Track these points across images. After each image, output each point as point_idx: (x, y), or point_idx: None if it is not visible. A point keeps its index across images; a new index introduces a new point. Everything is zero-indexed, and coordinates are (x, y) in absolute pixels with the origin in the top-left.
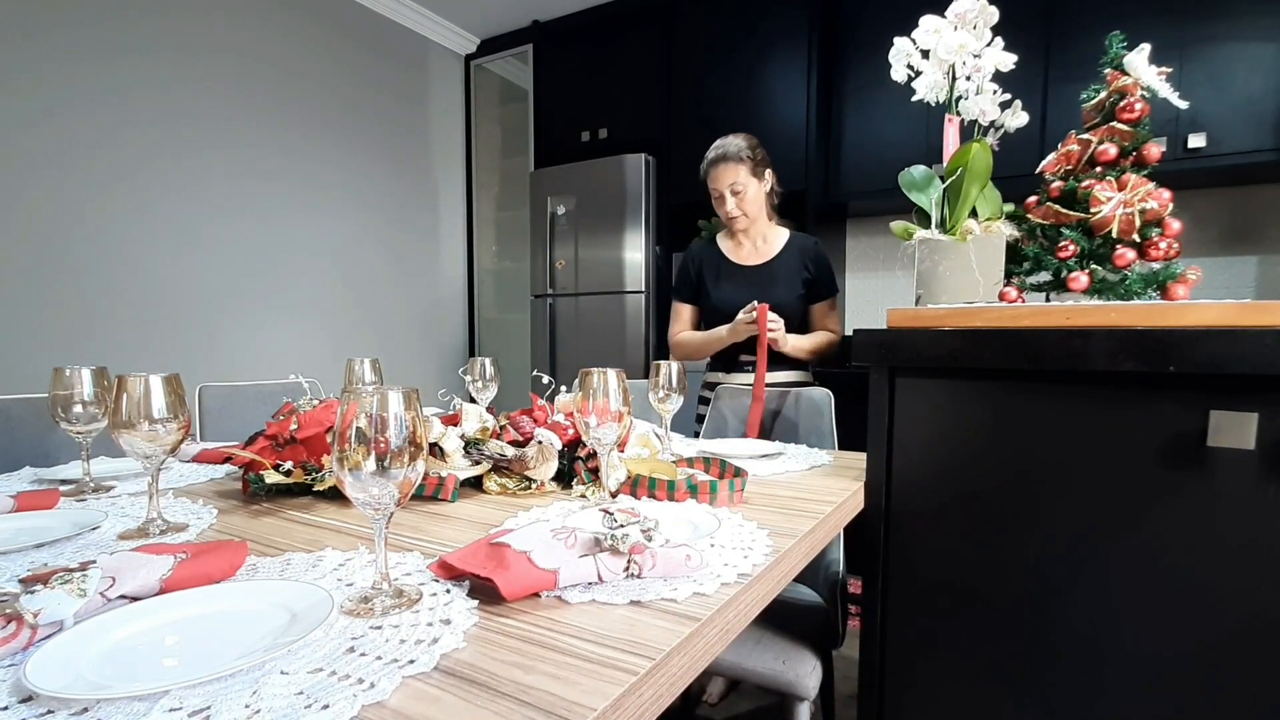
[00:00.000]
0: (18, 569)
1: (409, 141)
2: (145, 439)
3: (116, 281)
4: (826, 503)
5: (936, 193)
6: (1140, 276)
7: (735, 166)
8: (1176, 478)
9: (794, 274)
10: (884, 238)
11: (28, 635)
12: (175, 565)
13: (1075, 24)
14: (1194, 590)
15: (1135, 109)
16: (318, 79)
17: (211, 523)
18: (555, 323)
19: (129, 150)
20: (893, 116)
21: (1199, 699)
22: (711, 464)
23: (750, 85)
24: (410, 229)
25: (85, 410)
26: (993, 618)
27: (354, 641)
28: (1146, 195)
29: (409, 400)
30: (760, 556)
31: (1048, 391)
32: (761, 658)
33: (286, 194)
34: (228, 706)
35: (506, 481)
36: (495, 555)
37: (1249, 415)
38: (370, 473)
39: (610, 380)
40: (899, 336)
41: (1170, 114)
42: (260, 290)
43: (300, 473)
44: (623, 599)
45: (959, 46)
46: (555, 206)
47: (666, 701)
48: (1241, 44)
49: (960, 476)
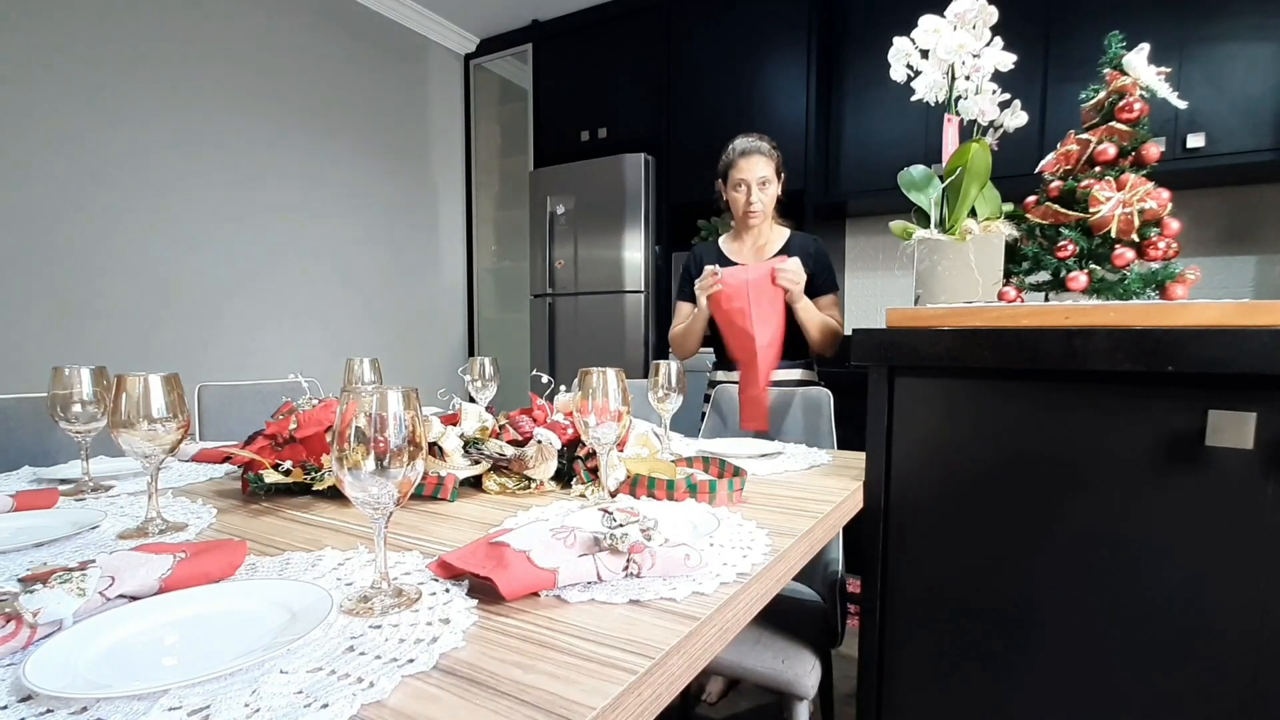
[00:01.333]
0: (17, 568)
1: (408, 141)
2: (144, 438)
3: (116, 281)
4: (825, 502)
5: (936, 192)
6: (1139, 276)
7: (767, 161)
8: (1175, 477)
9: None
10: (883, 237)
11: (27, 634)
12: (174, 565)
13: (1074, 24)
14: (1194, 590)
15: (1134, 109)
16: (317, 78)
17: (211, 522)
18: (554, 322)
19: (128, 150)
20: (892, 116)
21: (1199, 699)
22: (711, 463)
23: (750, 85)
24: (410, 228)
25: (84, 410)
26: (991, 617)
27: (353, 641)
28: (1145, 195)
29: (408, 400)
30: (759, 556)
31: (1046, 391)
32: (760, 657)
33: (286, 193)
34: (227, 705)
35: (506, 481)
36: (494, 554)
37: (1247, 415)
38: (369, 472)
39: (609, 380)
40: (898, 336)
41: (1169, 114)
42: (259, 289)
43: (299, 472)
44: (622, 598)
45: (958, 46)
46: (555, 206)
47: (666, 700)
48: (1240, 44)
49: (959, 476)
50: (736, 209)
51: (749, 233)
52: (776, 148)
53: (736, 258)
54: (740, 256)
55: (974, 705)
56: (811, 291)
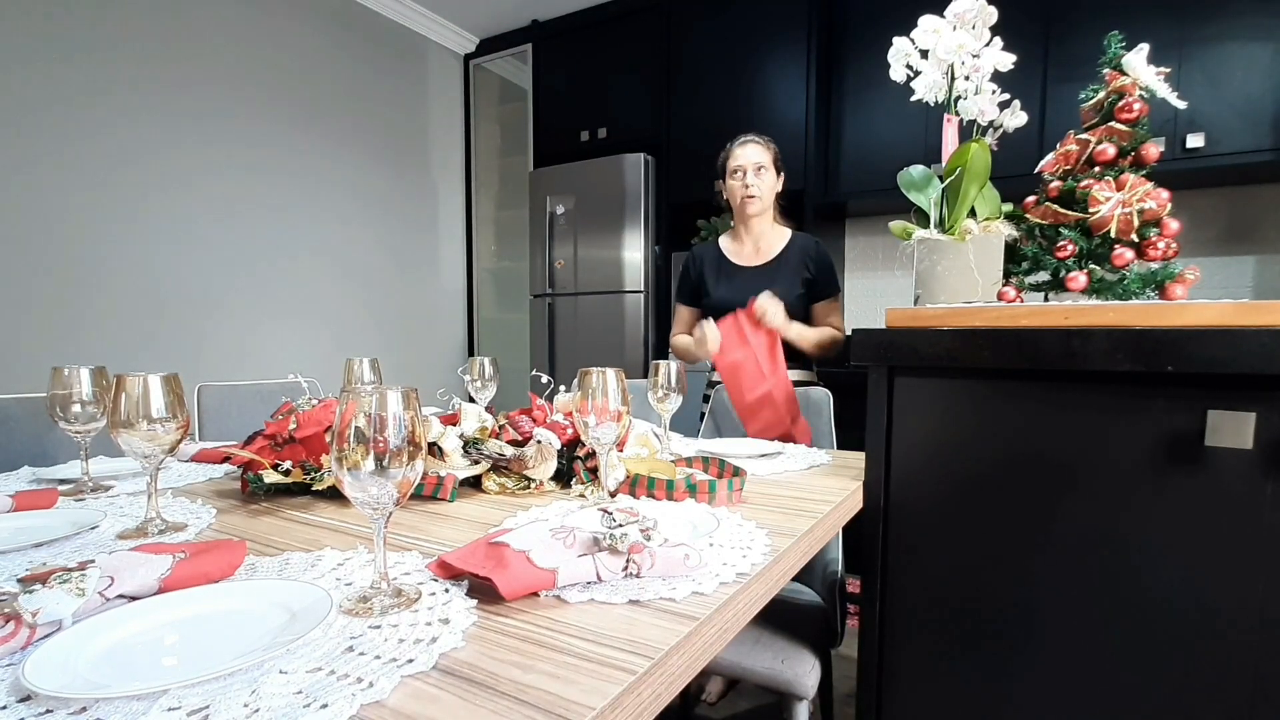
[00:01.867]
0: (16, 568)
1: (408, 140)
2: (144, 438)
3: (115, 281)
4: (825, 502)
5: (935, 192)
6: (1138, 276)
7: (762, 149)
8: (1174, 477)
9: (794, 274)
10: (883, 237)
11: (26, 634)
12: (174, 565)
13: (1074, 24)
14: (1193, 590)
15: (1134, 109)
16: (317, 78)
17: (210, 522)
18: (554, 322)
19: (128, 150)
20: (892, 116)
21: (1199, 699)
22: (710, 463)
23: (750, 85)
24: (409, 228)
25: (84, 410)
26: (991, 617)
27: (353, 641)
28: (1145, 195)
29: (408, 400)
30: (759, 556)
31: (1046, 391)
32: (760, 657)
33: (285, 193)
34: (226, 705)
35: (505, 481)
36: (494, 555)
37: (1247, 415)
38: (369, 472)
39: (609, 380)
40: (898, 336)
41: (1169, 114)
42: (259, 289)
43: (299, 472)
44: (621, 598)
45: (958, 46)
46: (554, 206)
47: (665, 701)
48: (1240, 44)
49: (959, 476)
50: (734, 198)
51: (749, 231)
52: (773, 142)
53: (736, 258)
54: (740, 257)
55: (973, 705)
56: (813, 295)
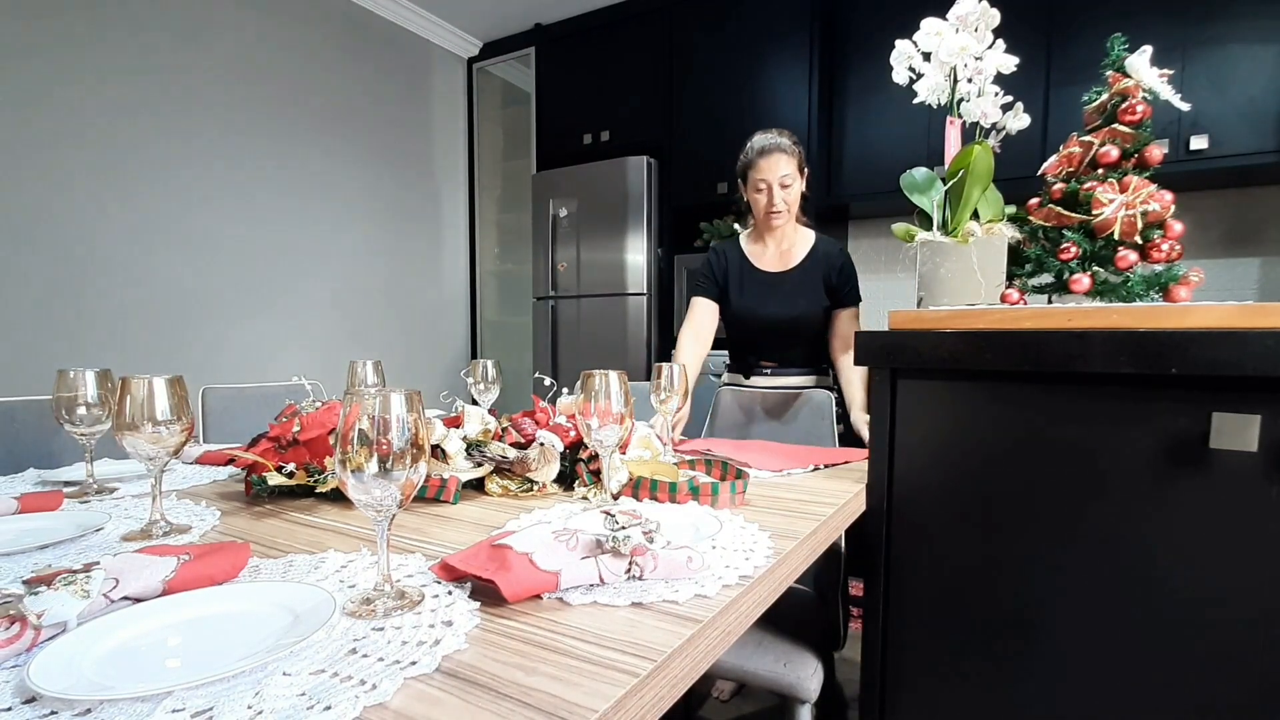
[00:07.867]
0: (21, 570)
1: (412, 144)
2: (149, 441)
3: (121, 284)
4: (828, 505)
5: (938, 195)
6: (1142, 278)
7: (788, 159)
8: (1178, 480)
9: (816, 283)
10: (886, 240)
11: (31, 636)
12: (178, 567)
13: (1077, 26)
14: (1198, 592)
15: (1137, 111)
16: (321, 82)
17: (214, 524)
18: (557, 325)
19: (131, 154)
20: (894, 119)
21: (1204, 701)
22: (713, 466)
23: (752, 87)
24: (413, 231)
25: (89, 412)
26: (994, 620)
27: (356, 643)
28: (1148, 197)
29: (411, 402)
30: (761, 558)
31: (1049, 393)
32: (763, 660)
33: (290, 197)
34: (230, 707)
35: (508, 483)
36: (497, 557)
37: (1251, 417)
38: (372, 474)
39: (612, 382)
40: (901, 339)
41: (1172, 116)
42: (263, 292)
43: (303, 474)
44: (624, 601)
45: (960, 49)
46: (557, 209)
47: (668, 703)
48: (1243, 46)
49: (962, 478)
50: (758, 211)
51: (772, 235)
52: (798, 143)
53: (758, 260)
54: (762, 260)
55: (977, 709)
56: (833, 303)
